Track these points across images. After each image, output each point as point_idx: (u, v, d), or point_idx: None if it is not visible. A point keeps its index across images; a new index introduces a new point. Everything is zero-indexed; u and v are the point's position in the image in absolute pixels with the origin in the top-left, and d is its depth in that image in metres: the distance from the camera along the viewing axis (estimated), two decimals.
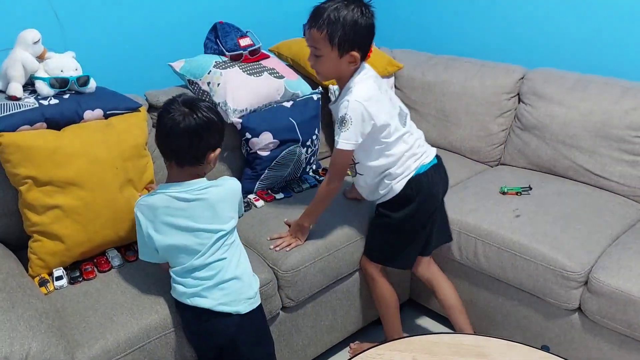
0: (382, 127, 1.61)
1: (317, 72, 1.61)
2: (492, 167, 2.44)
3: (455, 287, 1.94)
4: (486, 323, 2.00)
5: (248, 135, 2.03)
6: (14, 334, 1.20)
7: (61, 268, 1.56)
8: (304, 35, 1.59)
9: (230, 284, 1.42)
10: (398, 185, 1.71)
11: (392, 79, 2.59)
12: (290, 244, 1.74)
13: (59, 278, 1.53)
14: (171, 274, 1.44)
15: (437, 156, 1.82)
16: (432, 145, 2.55)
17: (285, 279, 1.70)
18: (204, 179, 1.42)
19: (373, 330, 2.12)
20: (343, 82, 1.62)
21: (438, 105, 2.53)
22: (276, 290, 1.69)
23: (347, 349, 2.05)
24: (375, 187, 1.77)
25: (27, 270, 1.54)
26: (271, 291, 1.67)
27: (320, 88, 2.31)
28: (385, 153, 1.68)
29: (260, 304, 1.51)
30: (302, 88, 2.22)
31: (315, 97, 2.21)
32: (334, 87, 2.30)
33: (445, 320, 2.14)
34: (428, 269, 1.93)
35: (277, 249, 1.74)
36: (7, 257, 1.53)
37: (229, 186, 1.47)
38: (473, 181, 2.24)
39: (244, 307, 1.43)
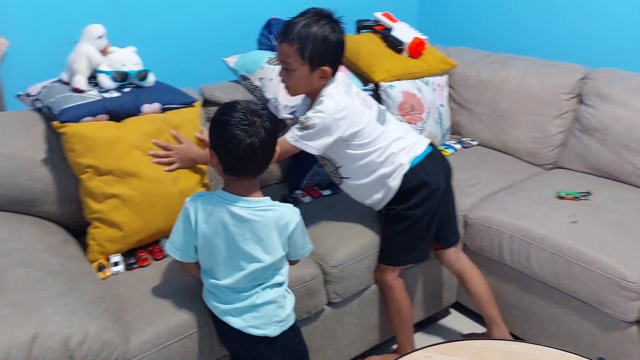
0: (352, 135, 1.63)
1: (287, 87, 1.61)
2: (547, 170, 2.37)
3: (504, 291, 1.89)
4: (536, 330, 1.94)
5: None
6: (72, 316, 1.26)
7: (118, 254, 1.62)
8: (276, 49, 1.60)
9: (263, 308, 1.37)
10: (395, 182, 1.71)
11: (445, 77, 2.54)
12: (171, 165, 1.64)
13: (116, 264, 1.59)
14: (203, 281, 1.41)
15: (431, 144, 1.81)
16: (485, 146, 2.53)
17: (332, 275, 1.70)
18: (267, 198, 1.36)
19: (419, 331, 2.10)
20: (313, 96, 1.63)
21: (493, 105, 2.47)
22: (322, 286, 1.70)
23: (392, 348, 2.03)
24: (372, 189, 1.75)
25: (86, 256, 1.61)
26: (317, 286, 1.67)
27: (372, 85, 2.30)
28: (366, 153, 1.68)
29: (295, 322, 1.45)
30: (355, 84, 2.21)
31: (366, 93, 2.20)
32: (385, 84, 2.28)
33: None
34: (457, 260, 1.90)
35: (155, 160, 1.63)
36: (68, 241, 1.61)
37: (285, 216, 1.35)
38: (527, 184, 2.18)
39: (273, 331, 1.38)
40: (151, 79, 1.76)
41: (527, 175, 2.29)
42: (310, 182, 2.10)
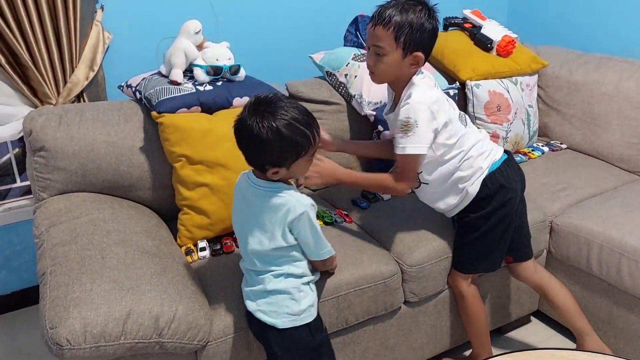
0: (444, 129, 1.56)
1: (373, 73, 1.54)
2: None
3: (590, 302, 1.80)
4: (624, 345, 1.84)
5: (380, 127, 2.05)
6: (164, 295, 1.34)
7: (205, 240, 1.70)
8: (367, 34, 1.55)
9: (274, 296, 1.36)
10: (473, 188, 1.64)
11: (535, 77, 2.45)
12: (308, 178, 1.60)
13: (203, 249, 1.66)
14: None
15: (506, 151, 1.72)
16: (574, 150, 2.41)
17: (410, 274, 1.70)
18: (281, 184, 1.32)
19: (495, 338, 2.04)
20: (399, 86, 1.57)
21: (585, 107, 2.35)
22: (400, 284, 1.70)
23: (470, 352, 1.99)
24: (446, 194, 1.68)
25: (175, 240, 1.70)
26: (395, 284, 1.67)
27: (457, 83, 2.25)
28: (451, 155, 1.61)
29: (309, 323, 1.38)
30: (439, 83, 2.17)
31: (451, 92, 2.17)
32: (471, 83, 2.23)
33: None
34: (534, 273, 1.81)
35: (308, 183, 1.63)
36: (161, 225, 1.70)
37: (288, 203, 1.30)
38: (620, 192, 2.06)
39: (282, 322, 1.35)
40: (242, 73, 1.83)
41: (620, 182, 2.17)
42: None
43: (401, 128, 1.50)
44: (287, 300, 1.36)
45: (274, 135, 1.20)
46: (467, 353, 1.97)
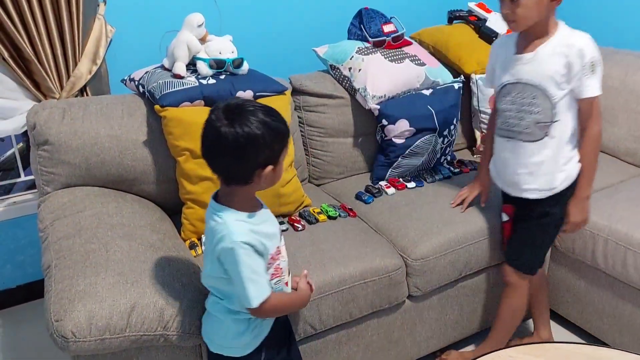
0: None
1: (513, 21, 1.46)
2: None
3: (595, 296, 1.80)
4: (628, 339, 1.83)
5: (384, 121, 2.04)
6: (169, 289, 1.34)
7: None
8: None
9: (211, 316, 1.30)
10: (575, 170, 1.61)
11: None
12: (581, 226, 1.66)
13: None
14: None
15: None
16: None
17: (414, 267, 1.69)
18: (231, 210, 1.18)
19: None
20: (539, 31, 1.50)
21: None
22: (404, 278, 1.69)
23: (476, 345, 1.99)
24: (557, 162, 1.58)
25: (179, 234, 1.70)
26: (399, 278, 1.67)
27: (462, 77, 2.24)
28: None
29: (236, 358, 1.28)
30: (443, 76, 2.18)
31: (456, 85, 2.15)
32: (476, 77, 2.22)
33: (583, 332, 1.99)
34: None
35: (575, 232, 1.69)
36: (164, 220, 1.71)
37: (217, 232, 1.16)
38: (626, 186, 2.05)
39: (212, 346, 1.30)
40: (245, 67, 1.82)
41: (627, 176, 2.15)
42: (395, 174, 2.09)
43: (590, 68, 1.47)
44: (217, 326, 1.29)
45: (264, 127, 1.11)
46: (469, 348, 1.97)
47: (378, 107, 2.03)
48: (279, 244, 1.25)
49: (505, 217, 1.75)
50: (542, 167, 1.59)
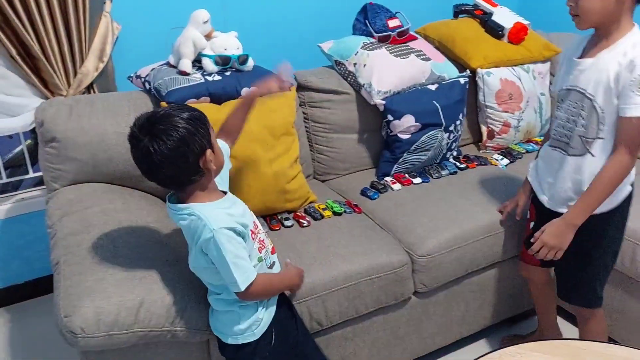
0: None
1: (575, 14, 1.33)
2: None
3: (607, 293, 1.78)
4: (637, 336, 1.82)
5: (390, 117, 2.03)
6: (176, 285, 1.35)
7: None
8: None
9: (219, 314, 1.33)
10: (627, 188, 1.48)
11: (547, 65, 2.41)
12: (551, 251, 1.48)
13: None
14: None
15: None
16: None
17: (420, 264, 1.69)
18: (194, 204, 1.21)
19: (506, 327, 2.04)
20: (608, 32, 1.36)
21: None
22: (410, 274, 1.69)
23: (482, 341, 1.99)
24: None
25: None
26: (405, 274, 1.67)
27: (468, 71, 2.23)
28: None
29: (251, 342, 1.31)
30: (449, 71, 2.17)
31: (462, 80, 2.15)
32: (482, 71, 2.21)
33: None
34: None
35: (540, 255, 1.50)
36: None
37: (197, 226, 1.20)
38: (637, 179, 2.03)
39: (228, 339, 1.32)
40: (250, 63, 1.82)
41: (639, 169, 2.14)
42: (400, 169, 2.09)
43: (638, 85, 1.30)
44: (226, 318, 1.31)
45: (180, 121, 1.14)
46: (475, 345, 1.97)
47: (383, 102, 2.03)
48: (254, 218, 1.32)
49: (528, 215, 1.71)
50: (582, 185, 1.46)
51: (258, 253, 1.28)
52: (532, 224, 1.68)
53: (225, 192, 1.31)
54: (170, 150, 1.13)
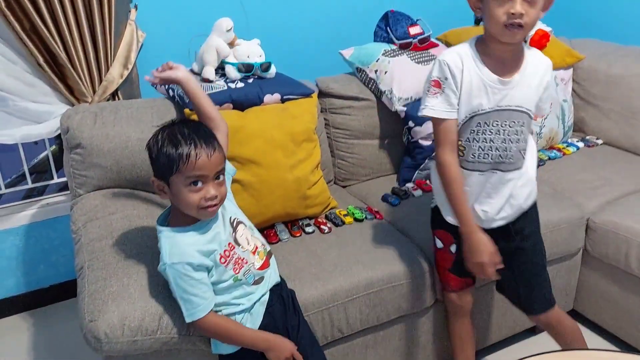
0: None
1: (521, 24, 1.24)
2: None
3: (628, 301, 1.75)
4: None
5: (411, 123, 2.03)
6: None
7: None
8: None
9: None
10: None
11: (570, 71, 2.39)
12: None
13: None
14: None
15: None
16: (612, 146, 2.35)
17: None
18: (167, 229, 1.24)
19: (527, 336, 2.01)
20: (521, 47, 1.36)
21: (624, 102, 2.28)
22: (431, 282, 1.67)
23: (504, 350, 1.96)
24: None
25: None
26: (427, 282, 1.65)
27: None
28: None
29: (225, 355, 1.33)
30: None
31: None
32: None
33: (616, 339, 1.95)
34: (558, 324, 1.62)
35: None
36: None
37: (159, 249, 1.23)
38: None
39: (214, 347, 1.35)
40: (273, 70, 1.83)
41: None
42: (421, 175, 2.07)
43: (547, 87, 1.40)
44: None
45: (155, 143, 1.20)
46: (497, 354, 1.94)
47: (404, 109, 2.02)
48: (230, 240, 1.28)
49: (440, 244, 1.59)
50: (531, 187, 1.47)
51: (233, 274, 1.26)
52: (454, 248, 1.54)
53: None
54: (147, 147, 1.23)
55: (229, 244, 1.28)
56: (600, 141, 2.38)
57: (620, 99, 2.29)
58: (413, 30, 2.12)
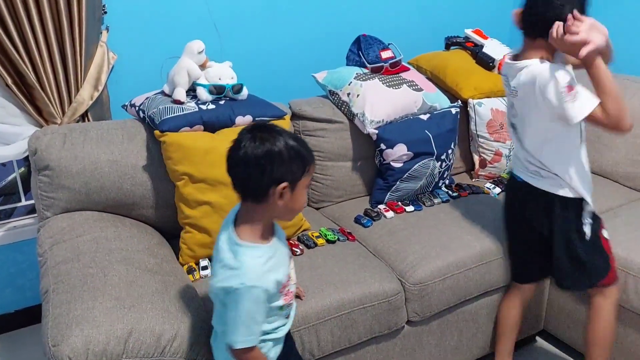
0: None
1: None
2: None
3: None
4: None
5: (383, 146, 2.05)
6: (166, 314, 1.33)
7: (207, 259, 1.69)
8: None
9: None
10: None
11: None
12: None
13: (205, 268, 1.66)
14: None
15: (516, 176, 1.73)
16: None
17: (413, 292, 1.69)
18: (245, 245, 1.17)
19: None
20: None
21: (589, 126, 2.34)
22: (403, 303, 1.68)
23: None
24: None
25: (177, 258, 1.70)
26: (398, 303, 1.66)
27: (459, 102, 2.26)
28: None
29: None
30: (440, 101, 2.20)
31: (453, 110, 2.17)
32: (473, 102, 2.24)
33: (583, 357, 1.97)
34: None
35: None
36: (163, 244, 1.71)
37: (232, 269, 1.16)
38: (625, 210, 2.05)
39: None
40: (245, 92, 1.84)
41: (626, 200, 2.16)
42: (393, 197, 2.09)
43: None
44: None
45: (284, 146, 1.13)
46: None
47: (376, 131, 2.05)
48: (289, 271, 1.26)
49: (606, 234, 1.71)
50: None
51: (283, 303, 1.24)
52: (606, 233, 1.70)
53: (274, 233, 1.25)
54: (255, 156, 1.12)
55: (288, 275, 1.25)
56: None
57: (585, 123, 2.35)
58: (385, 55, 2.16)
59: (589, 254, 1.65)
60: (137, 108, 1.81)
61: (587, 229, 1.64)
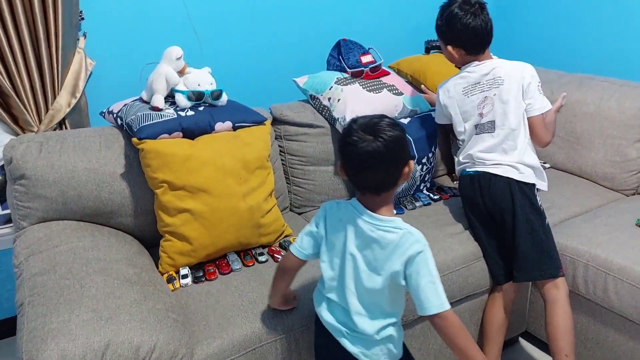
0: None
1: None
2: (627, 196, 2.24)
3: (577, 322, 1.79)
4: None
5: None
6: (144, 325, 1.31)
7: (187, 267, 1.68)
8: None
9: (383, 345, 1.32)
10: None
11: None
12: None
13: (185, 276, 1.64)
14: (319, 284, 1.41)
15: (486, 173, 1.83)
16: (558, 169, 2.43)
17: None
18: (397, 218, 1.26)
19: None
20: None
21: (568, 127, 2.37)
22: None
23: None
24: None
25: (157, 267, 1.68)
26: None
27: None
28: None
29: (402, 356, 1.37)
30: (421, 105, 2.20)
31: (433, 114, 2.18)
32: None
33: None
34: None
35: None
36: (142, 253, 1.68)
37: (407, 240, 1.22)
38: (604, 210, 2.07)
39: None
40: (224, 98, 1.83)
41: (605, 200, 2.18)
42: None
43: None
44: (390, 346, 1.33)
45: (396, 137, 1.19)
46: None
47: None
48: None
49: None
50: None
51: None
52: None
53: None
54: (390, 151, 1.18)
55: None
56: (547, 165, 2.46)
57: (564, 124, 2.38)
58: (365, 59, 2.16)
59: (549, 240, 1.78)
60: (115, 115, 1.79)
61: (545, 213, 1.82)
